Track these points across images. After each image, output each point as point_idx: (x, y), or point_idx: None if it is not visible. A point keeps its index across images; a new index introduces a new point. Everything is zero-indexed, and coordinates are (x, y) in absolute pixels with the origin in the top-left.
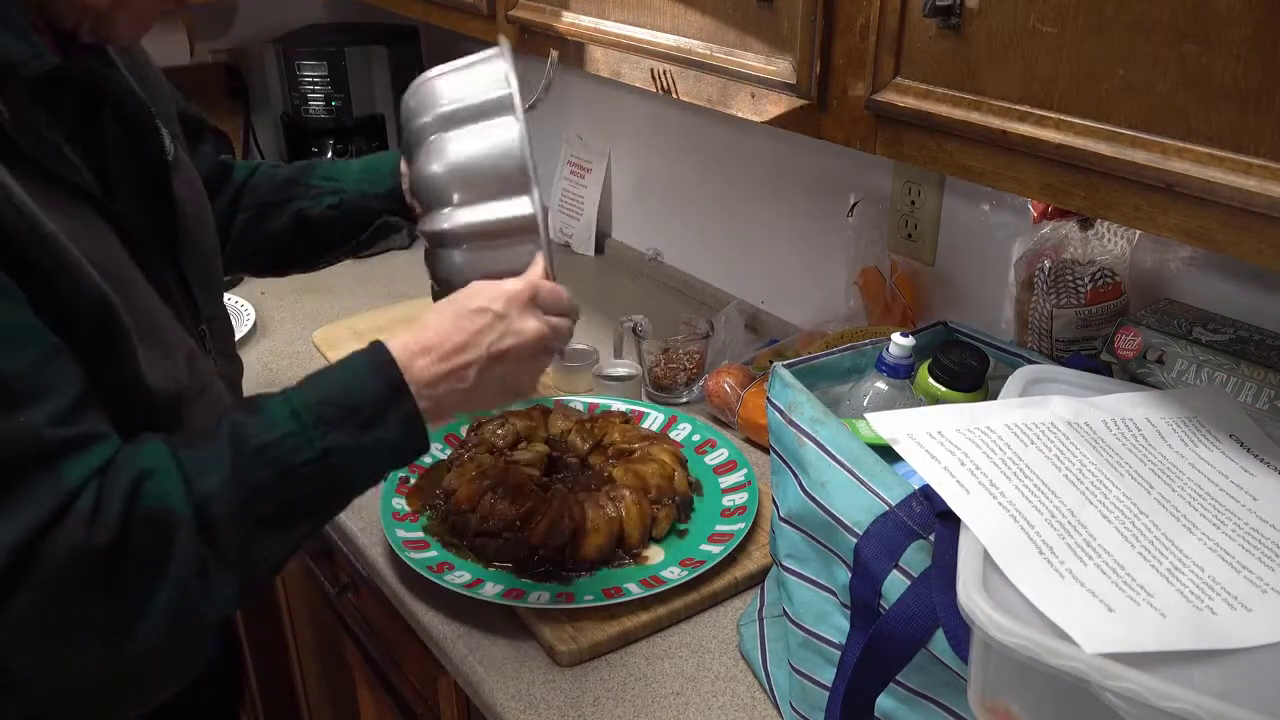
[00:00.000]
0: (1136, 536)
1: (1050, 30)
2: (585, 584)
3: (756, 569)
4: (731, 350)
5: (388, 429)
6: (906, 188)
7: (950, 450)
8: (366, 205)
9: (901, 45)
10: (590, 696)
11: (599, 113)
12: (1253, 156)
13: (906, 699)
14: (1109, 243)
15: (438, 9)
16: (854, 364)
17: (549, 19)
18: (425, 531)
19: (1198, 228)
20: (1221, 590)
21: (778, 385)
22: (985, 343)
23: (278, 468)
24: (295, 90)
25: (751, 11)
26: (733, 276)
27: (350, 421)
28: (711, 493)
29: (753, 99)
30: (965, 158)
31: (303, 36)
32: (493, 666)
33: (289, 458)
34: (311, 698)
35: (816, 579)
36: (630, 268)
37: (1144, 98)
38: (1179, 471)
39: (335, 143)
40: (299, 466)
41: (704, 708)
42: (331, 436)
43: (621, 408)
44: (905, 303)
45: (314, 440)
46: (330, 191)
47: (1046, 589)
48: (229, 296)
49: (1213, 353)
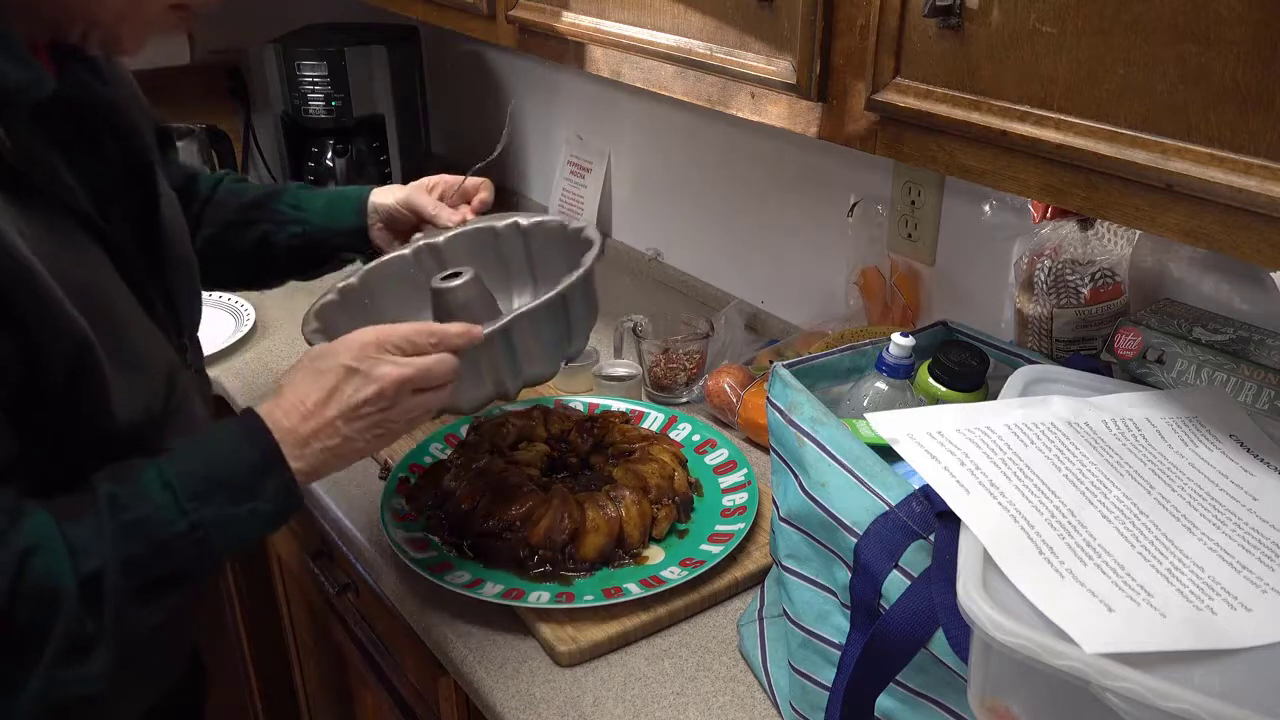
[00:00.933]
0: (1136, 536)
1: (1050, 30)
2: (585, 584)
3: (756, 569)
4: (731, 350)
5: (264, 498)
6: (906, 188)
7: (950, 450)
8: (328, 240)
9: (901, 45)
10: (590, 696)
11: (599, 113)
12: (1253, 156)
13: (906, 699)
14: (1109, 243)
15: (438, 9)
16: (854, 364)
17: (549, 19)
18: (425, 531)
19: (1198, 228)
20: (1221, 590)
21: (778, 385)
22: (985, 343)
23: (150, 541)
24: (295, 90)
25: (751, 11)
26: (733, 276)
27: (223, 493)
28: (711, 493)
29: (753, 99)
30: (965, 158)
31: (303, 36)
32: (493, 666)
33: (161, 530)
34: (311, 698)
35: (816, 579)
36: (630, 268)
37: (1144, 98)
38: (1179, 471)
39: (335, 143)
40: (171, 540)
41: (704, 708)
42: (203, 511)
43: (621, 408)
44: (905, 303)
45: (187, 513)
46: (295, 220)
47: (1046, 589)
48: (228, 296)
49: (1213, 353)
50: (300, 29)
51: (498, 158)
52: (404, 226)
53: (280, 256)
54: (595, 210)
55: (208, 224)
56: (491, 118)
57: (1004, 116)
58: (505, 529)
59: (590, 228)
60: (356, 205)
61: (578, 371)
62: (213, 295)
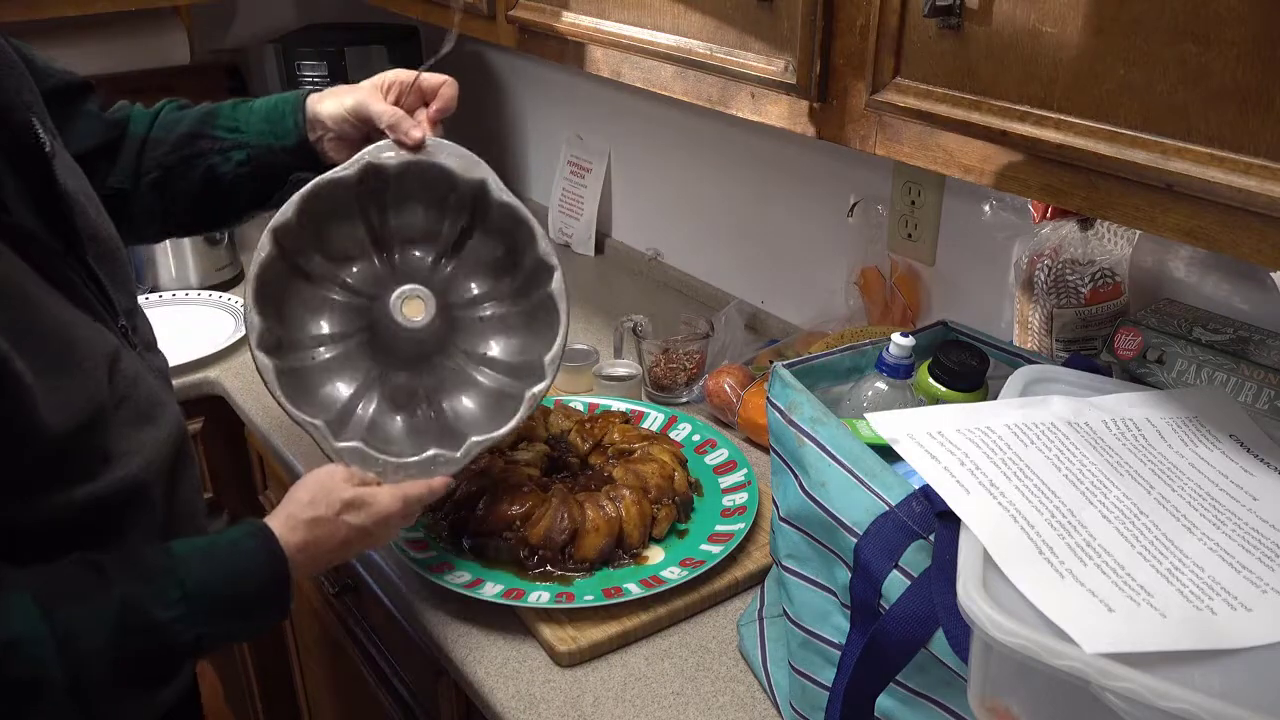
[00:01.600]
0: (1136, 536)
1: (1050, 30)
2: (585, 584)
3: (756, 569)
4: (731, 350)
5: (266, 617)
6: (906, 188)
7: (950, 450)
8: (275, 160)
9: (902, 45)
10: (590, 696)
11: (599, 113)
12: (1253, 156)
13: (906, 699)
14: (1109, 243)
15: (438, 9)
16: (854, 364)
17: (549, 19)
18: (425, 531)
19: (1198, 228)
20: (1221, 590)
21: (778, 385)
22: (985, 343)
23: (159, 644)
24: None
25: (751, 11)
26: (733, 276)
27: (235, 611)
28: (711, 493)
29: (753, 99)
30: (965, 158)
31: (303, 36)
32: (493, 666)
33: (173, 638)
34: (311, 698)
35: (816, 579)
36: (630, 268)
37: (1144, 98)
38: (1179, 471)
39: None
40: (178, 645)
41: (704, 708)
42: (215, 624)
43: (621, 408)
44: (905, 303)
45: (200, 625)
46: (236, 145)
47: (1046, 589)
48: (228, 296)
49: (1213, 353)
50: (300, 29)
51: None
52: (357, 137)
53: (232, 189)
54: (595, 210)
55: (147, 169)
56: (492, 118)
57: (1004, 116)
58: (505, 529)
59: (551, 256)
60: (295, 117)
61: (578, 371)
62: (212, 295)
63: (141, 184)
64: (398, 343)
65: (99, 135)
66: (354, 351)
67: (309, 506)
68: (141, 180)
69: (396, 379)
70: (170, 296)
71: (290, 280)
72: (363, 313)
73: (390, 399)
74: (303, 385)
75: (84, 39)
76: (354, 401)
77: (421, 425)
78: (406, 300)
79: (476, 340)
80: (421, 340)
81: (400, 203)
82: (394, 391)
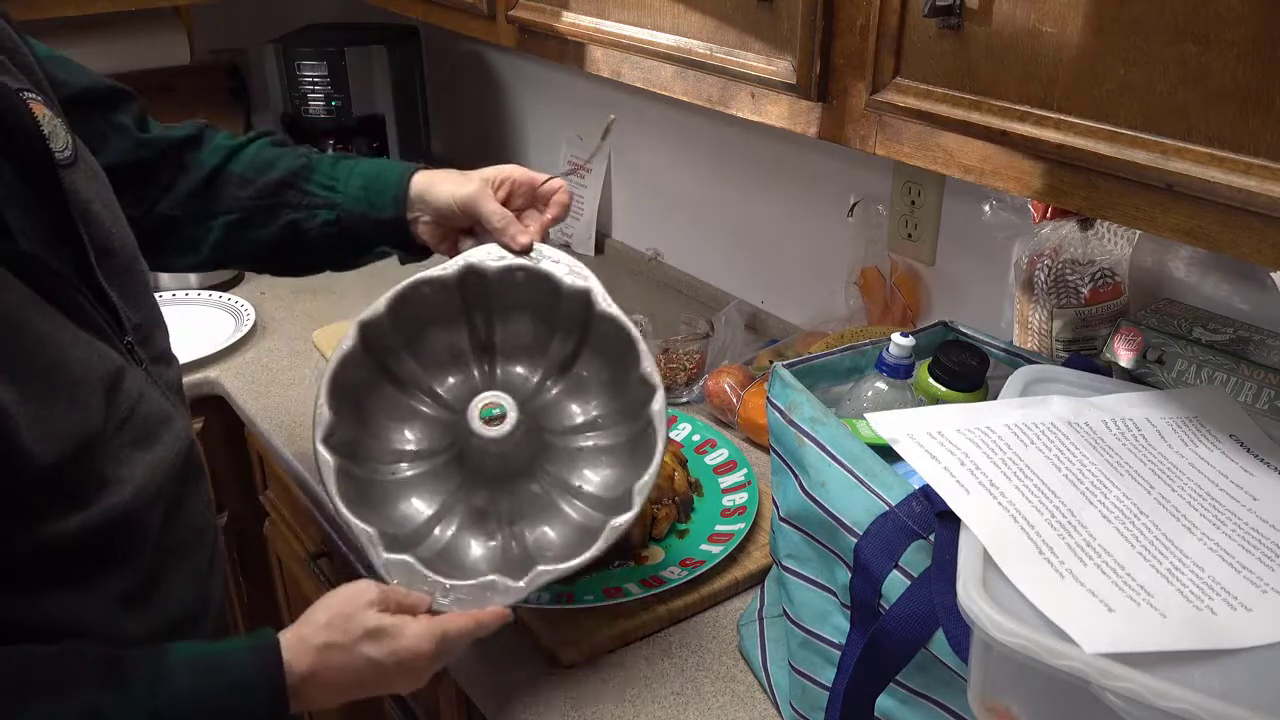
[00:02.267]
0: (1136, 536)
1: (1050, 30)
2: (585, 584)
3: (756, 569)
4: (731, 350)
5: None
6: (906, 188)
7: (950, 450)
8: (364, 229)
9: (902, 45)
10: (590, 696)
11: (599, 113)
12: (1253, 156)
13: (906, 699)
14: (1109, 243)
15: (438, 9)
16: (854, 364)
17: (549, 19)
18: None
19: (1198, 228)
20: (1221, 590)
21: (778, 385)
22: (985, 343)
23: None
24: (295, 90)
25: (751, 11)
26: (733, 276)
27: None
28: (711, 493)
29: (753, 99)
30: (965, 158)
31: (303, 36)
32: (493, 666)
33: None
34: None
35: (816, 579)
36: (630, 268)
37: (1144, 98)
38: (1179, 471)
39: (335, 143)
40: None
41: (704, 708)
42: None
43: None
44: (905, 303)
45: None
46: (327, 205)
47: (1046, 589)
48: (228, 296)
49: (1213, 353)
50: (300, 29)
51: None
52: (457, 225)
53: (313, 246)
54: (595, 210)
55: (227, 208)
56: (492, 118)
57: (1004, 116)
58: None
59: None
60: (397, 190)
61: None
62: (212, 295)
63: (215, 222)
64: (486, 460)
65: (126, 153)
66: (440, 471)
67: (324, 629)
68: (216, 218)
69: (477, 499)
70: (170, 297)
71: (375, 381)
72: (450, 429)
73: (471, 521)
74: (371, 496)
75: (84, 39)
76: (432, 523)
77: (499, 554)
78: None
79: (570, 469)
80: (507, 457)
81: (507, 311)
82: (474, 513)
